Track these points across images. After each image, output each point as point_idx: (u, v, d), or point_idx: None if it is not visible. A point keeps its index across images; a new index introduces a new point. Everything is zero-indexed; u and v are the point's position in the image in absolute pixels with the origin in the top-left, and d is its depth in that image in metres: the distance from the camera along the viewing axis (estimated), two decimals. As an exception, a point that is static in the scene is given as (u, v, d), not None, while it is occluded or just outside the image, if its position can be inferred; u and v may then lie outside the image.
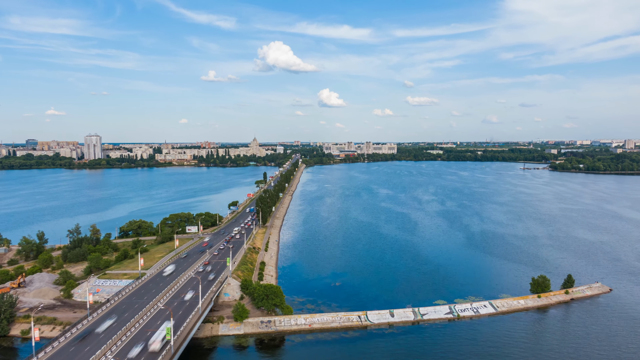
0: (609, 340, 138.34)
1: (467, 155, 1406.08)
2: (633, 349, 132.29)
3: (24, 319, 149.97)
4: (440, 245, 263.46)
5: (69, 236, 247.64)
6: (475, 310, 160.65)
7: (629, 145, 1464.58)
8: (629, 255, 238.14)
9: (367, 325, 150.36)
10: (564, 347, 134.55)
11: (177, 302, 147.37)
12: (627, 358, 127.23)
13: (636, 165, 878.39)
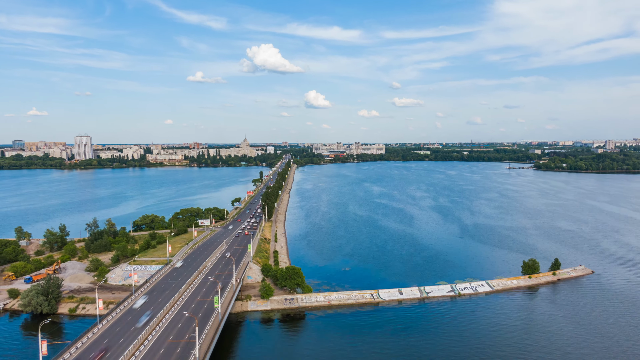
0: (592, 314, 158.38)
1: (454, 155, 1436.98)
2: (612, 321, 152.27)
3: (68, 299, 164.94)
4: (438, 234, 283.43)
5: (87, 229, 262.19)
6: (474, 288, 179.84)
7: (610, 146, 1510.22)
8: (608, 242, 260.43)
9: (379, 302, 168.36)
10: (553, 319, 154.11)
11: (210, 282, 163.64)
12: (607, 328, 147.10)
13: (616, 165, 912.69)
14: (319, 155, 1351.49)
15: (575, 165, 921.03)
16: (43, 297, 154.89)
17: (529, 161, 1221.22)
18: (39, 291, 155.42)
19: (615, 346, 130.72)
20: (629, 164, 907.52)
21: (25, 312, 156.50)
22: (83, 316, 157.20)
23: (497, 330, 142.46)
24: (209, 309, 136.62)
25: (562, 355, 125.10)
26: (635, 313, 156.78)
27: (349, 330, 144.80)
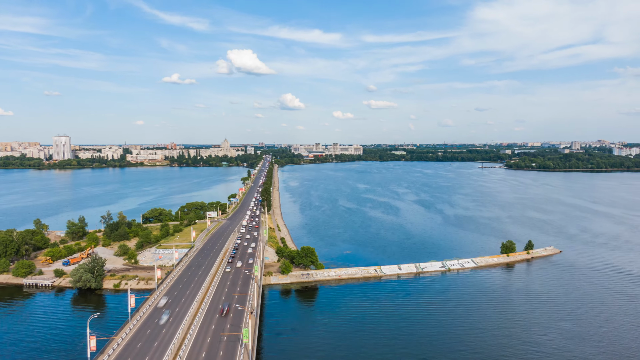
0: (560, 285, 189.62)
1: (429, 155, 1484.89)
2: (575, 291, 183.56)
3: (110, 277, 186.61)
4: (425, 222, 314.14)
5: (102, 221, 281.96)
6: (461, 265, 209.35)
7: (576, 147, 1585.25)
8: (572, 228, 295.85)
9: (382, 276, 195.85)
10: (527, 289, 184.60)
11: (237, 259, 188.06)
12: (571, 296, 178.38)
13: (581, 164, 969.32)
14: (298, 155, 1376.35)
15: (543, 165, 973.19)
16: (90, 274, 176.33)
17: (500, 161, 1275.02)
18: (86, 269, 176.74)
19: (578, 307, 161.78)
20: (593, 163, 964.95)
21: (75, 287, 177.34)
22: (125, 291, 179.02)
23: (480, 298, 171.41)
24: (247, 277, 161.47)
25: (534, 313, 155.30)
26: (594, 283, 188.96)
27: (357, 298, 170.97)
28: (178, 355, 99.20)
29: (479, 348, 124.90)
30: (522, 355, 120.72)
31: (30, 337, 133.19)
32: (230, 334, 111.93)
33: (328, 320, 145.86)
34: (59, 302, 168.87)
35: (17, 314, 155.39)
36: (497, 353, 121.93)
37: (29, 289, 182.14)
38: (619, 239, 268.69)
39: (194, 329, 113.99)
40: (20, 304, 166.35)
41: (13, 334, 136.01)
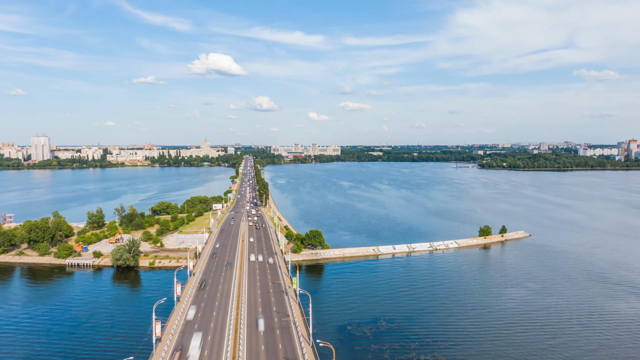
0: (529, 260, 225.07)
1: (405, 156, 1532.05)
2: (542, 264, 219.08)
3: (144, 256, 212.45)
4: (411, 212, 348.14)
5: (115, 213, 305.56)
6: (446, 245, 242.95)
7: (544, 147, 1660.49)
8: (538, 217, 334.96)
9: (379, 255, 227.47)
10: (501, 265, 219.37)
11: (255, 241, 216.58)
12: (539, 267, 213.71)
13: (549, 163, 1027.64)
14: (278, 156, 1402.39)
15: (514, 164, 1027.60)
16: (129, 254, 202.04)
17: (473, 161, 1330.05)
18: (125, 249, 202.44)
19: (544, 274, 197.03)
20: (559, 163, 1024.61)
21: (114, 265, 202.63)
22: (159, 268, 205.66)
23: (462, 271, 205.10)
24: (270, 251, 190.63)
25: (508, 280, 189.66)
26: (558, 258, 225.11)
27: (359, 273, 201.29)
28: (240, 295, 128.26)
29: (460, 306, 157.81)
30: (495, 306, 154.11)
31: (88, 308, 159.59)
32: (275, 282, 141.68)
33: (337, 287, 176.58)
34: (103, 278, 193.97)
35: (67, 290, 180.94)
36: (473, 307, 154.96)
37: (71, 268, 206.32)
38: (578, 225, 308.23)
39: (244, 278, 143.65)
40: (67, 280, 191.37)
41: (66, 307, 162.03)
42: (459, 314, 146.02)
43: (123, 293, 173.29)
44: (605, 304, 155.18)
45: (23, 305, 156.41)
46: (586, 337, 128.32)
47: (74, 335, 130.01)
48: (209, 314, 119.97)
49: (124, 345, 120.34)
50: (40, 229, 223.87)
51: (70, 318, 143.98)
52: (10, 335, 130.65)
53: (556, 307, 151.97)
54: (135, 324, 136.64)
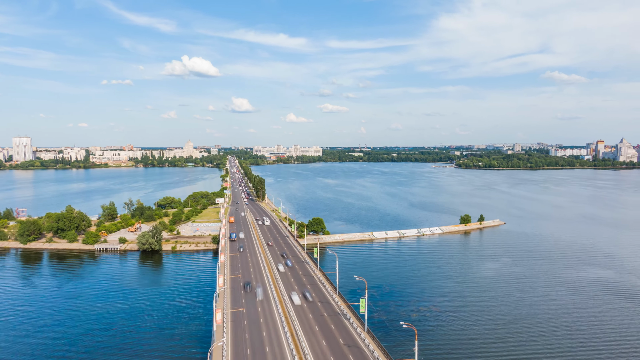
0: (503, 243, 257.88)
1: (385, 157, 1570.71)
2: (514, 246, 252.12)
3: (165, 242, 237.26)
4: (398, 205, 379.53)
5: (125, 207, 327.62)
6: (432, 231, 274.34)
7: (517, 148, 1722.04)
8: (510, 208, 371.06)
9: (373, 239, 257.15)
10: (480, 246, 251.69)
11: (266, 226, 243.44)
12: (511, 249, 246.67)
13: (522, 163, 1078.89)
14: (261, 156, 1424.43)
15: (489, 164, 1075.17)
16: (153, 239, 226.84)
17: (450, 161, 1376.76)
18: (150, 235, 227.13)
19: (516, 253, 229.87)
20: (532, 163, 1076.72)
21: (140, 249, 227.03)
22: (181, 251, 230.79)
23: (446, 253, 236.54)
24: (281, 234, 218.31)
25: (485, 258, 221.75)
26: (527, 241, 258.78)
27: (355, 254, 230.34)
28: (268, 263, 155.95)
29: (446, 275, 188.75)
30: (476, 274, 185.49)
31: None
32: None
33: (341, 262, 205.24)
34: (129, 261, 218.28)
35: (113, 270, 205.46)
36: (456, 275, 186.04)
37: (99, 252, 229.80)
38: (545, 214, 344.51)
39: (266, 251, 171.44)
40: (105, 262, 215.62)
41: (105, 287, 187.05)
42: (445, 280, 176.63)
43: (169, 271, 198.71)
44: (563, 272, 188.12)
45: (75, 282, 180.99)
46: (547, 294, 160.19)
47: (141, 301, 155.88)
48: (245, 265, 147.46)
49: (189, 307, 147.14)
50: (67, 219, 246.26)
51: (129, 290, 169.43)
52: (78, 305, 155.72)
53: (524, 275, 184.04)
54: (185, 287, 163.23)
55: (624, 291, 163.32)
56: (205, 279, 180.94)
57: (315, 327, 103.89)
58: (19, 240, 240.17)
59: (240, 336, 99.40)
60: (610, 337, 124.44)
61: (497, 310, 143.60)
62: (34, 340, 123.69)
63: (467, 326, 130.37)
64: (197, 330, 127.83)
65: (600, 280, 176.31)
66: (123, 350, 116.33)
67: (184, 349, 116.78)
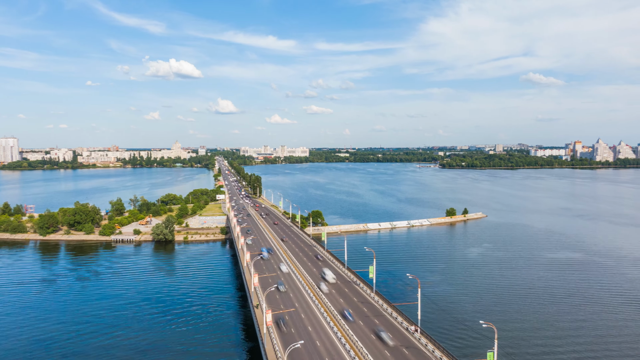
0: (485, 232, 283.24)
1: (370, 157, 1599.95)
2: (495, 235, 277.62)
3: (177, 232, 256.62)
4: (387, 201, 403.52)
5: (130, 203, 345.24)
6: (421, 223, 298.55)
7: (499, 149, 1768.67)
8: (490, 202, 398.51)
9: (368, 230, 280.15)
10: (465, 235, 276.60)
11: (270, 219, 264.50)
12: (492, 236, 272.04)
13: (503, 162, 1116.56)
14: (249, 157, 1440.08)
15: (472, 164, 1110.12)
16: (167, 230, 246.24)
17: (434, 161, 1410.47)
18: (163, 227, 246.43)
19: (496, 241, 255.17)
20: (512, 162, 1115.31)
21: (155, 239, 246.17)
22: (192, 241, 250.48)
23: (435, 240, 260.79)
24: (283, 223, 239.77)
25: (469, 245, 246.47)
26: (507, 231, 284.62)
27: (352, 242, 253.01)
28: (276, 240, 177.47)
29: (434, 257, 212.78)
30: (461, 257, 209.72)
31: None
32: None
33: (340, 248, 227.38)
34: (144, 251, 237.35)
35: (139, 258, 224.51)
36: (443, 257, 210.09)
37: (116, 243, 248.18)
38: (524, 208, 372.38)
39: (272, 232, 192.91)
40: (127, 251, 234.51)
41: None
42: (434, 262, 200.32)
43: (187, 258, 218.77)
44: (539, 254, 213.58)
45: (103, 267, 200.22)
46: (524, 272, 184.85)
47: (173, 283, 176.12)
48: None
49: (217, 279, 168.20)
50: (84, 212, 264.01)
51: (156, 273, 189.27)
52: (115, 286, 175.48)
53: (504, 257, 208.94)
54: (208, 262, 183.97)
55: (589, 268, 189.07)
56: (222, 265, 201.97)
57: (340, 300, 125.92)
58: (38, 233, 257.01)
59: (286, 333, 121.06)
60: (575, 300, 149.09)
61: (479, 282, 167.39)
62: (89, 319, 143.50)
63: (453, 293, 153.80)
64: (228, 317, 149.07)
65: (570, 261, 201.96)
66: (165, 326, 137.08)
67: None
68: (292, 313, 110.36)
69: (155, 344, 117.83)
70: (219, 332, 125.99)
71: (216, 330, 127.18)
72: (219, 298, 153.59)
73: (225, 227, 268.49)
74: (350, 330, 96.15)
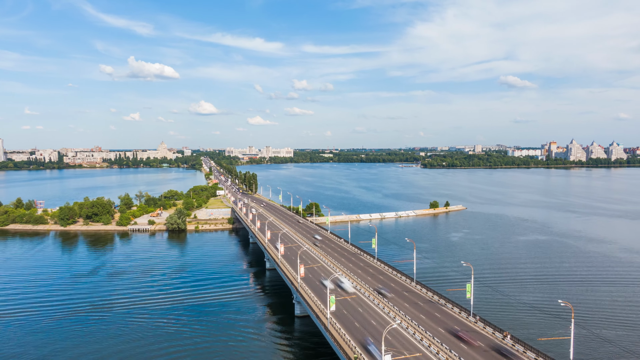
0: (466, 221, 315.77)
1: (354, 158, 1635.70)
2: (474, 223, 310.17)
3: (188, 223, 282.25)
4: (374, 197, 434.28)
5: (136, 198, 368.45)
6: (407, 214, 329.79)
7: (478, 149, 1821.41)
8: (470, 197, 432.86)
9: (360, 220, 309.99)
10: (447, 224, 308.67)
11: (273, 209, 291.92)
12: (471, 224, 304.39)
13: (482, 162, 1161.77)
14: (235, 157, 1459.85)
15: (452, 163, 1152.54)
16: (179, 220, 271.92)
17: (416, 161, 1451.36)
18: (176, 217, 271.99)
19: (474, 227, 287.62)
20: (491, 162, 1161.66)
21: (168, 229, 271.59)
22: (203, 230, 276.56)
23: (420, 228, 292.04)
24: (285, 213, 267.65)
25: (450, 232, 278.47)
26: (484, 220, 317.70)
27: (346, 231, 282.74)
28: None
29: (421, 241, 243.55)
30: (444, 240, 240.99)
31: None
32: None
33: (340, 234, 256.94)
34: (159, 239, 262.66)
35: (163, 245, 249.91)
36: (428, 240, 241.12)
37: (132, 232, 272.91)
38: (499, 201, 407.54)
39: (287, 225, 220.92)
40: (146, 239, 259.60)
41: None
42: (420, 245, 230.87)
43: (203, 245, 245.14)
44: (511, 237, 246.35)
45: (127, 254, 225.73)
46: (497, 253, 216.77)
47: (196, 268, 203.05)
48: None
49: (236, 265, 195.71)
50: (101, 205, 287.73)
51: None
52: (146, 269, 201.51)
53: (481, 240, 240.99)
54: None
55: (552, 248, 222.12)
56: (235, 246, 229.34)
57: (346, 262, 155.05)
58: (59, 224, 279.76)
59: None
60: (539, 271, 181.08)
61: (459, 256, 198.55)
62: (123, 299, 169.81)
63: (437, 267, 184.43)
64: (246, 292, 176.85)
65: (537, 242, 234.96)
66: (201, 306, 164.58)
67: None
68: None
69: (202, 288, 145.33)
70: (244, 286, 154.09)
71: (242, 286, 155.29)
72: (237, 267, 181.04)
73: (231, 217, 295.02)
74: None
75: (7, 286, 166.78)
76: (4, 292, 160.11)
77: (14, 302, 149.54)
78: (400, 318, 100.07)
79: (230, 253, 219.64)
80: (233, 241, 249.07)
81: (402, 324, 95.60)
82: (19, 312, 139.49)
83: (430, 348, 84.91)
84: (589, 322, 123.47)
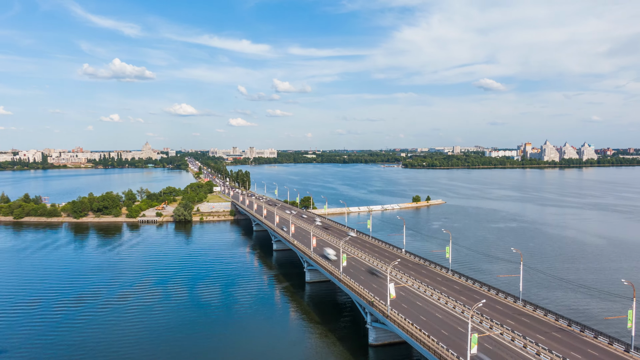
0: (445, 214, 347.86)
1: (337, 158, 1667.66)
2: (454, 215, 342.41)
3: (193, 214, 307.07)
4: (360, 193, 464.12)
5: (137, 194, 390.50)
6: (392, 207, 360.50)
7: (456, 150, 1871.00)
8: (449, 192, 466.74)
9: (350, 212, 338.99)
10: (428, 215, 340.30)
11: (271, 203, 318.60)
12: (451, 215, 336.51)
13: (460, 162, 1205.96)
14: (219, 158, 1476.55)
15: (432, 164, 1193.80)
16: (185, 212, 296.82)
17: (397, 162, 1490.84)
18: (183, 209, 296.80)
19: (453, 218, 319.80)
20: (469, 162, 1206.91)
21: (175, 220, 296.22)
22: (207, 221, 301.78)
23: (406, 219, 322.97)
24: (288, 207, 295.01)
25: (431, 220, 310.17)
26: (462, 213, 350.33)
27: (340, 221, 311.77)
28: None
29: (406, 229, 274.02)
30: (426, 229, 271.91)
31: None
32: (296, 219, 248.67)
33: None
34: (167, 230, 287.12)
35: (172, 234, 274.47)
36: (413, 227, 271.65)
37: (142, 223, 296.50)
38: (475, 196, 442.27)
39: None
40: (155, 230, 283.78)
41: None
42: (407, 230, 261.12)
43: (211, 234, 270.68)
44: (485, 225, 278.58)
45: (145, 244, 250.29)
46: (473, 234, 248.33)
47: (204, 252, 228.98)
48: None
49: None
50: (111, 199, 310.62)
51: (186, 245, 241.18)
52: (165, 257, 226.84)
53: (460, 227, 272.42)
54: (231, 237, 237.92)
55: (521, 233, 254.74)
56: (240, 233, 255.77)
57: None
58: (72, 216, 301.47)
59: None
60: (506, 250, 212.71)
61: (440, 239, 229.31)
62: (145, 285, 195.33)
63: (422, 245, 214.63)
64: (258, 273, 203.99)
65: (508, 228, 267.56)
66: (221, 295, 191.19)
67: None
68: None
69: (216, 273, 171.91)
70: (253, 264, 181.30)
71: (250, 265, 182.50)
72: (245, 250, 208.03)
73: (232, 210, 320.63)
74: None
75: (33, 273, 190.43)
76: (36, 278, 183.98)
77: (33, 289, 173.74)
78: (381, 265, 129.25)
79: (237, 239, 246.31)
80: (237, 230, 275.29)
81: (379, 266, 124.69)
82: (38, 300, 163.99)
83: (407, 282, 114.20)
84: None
